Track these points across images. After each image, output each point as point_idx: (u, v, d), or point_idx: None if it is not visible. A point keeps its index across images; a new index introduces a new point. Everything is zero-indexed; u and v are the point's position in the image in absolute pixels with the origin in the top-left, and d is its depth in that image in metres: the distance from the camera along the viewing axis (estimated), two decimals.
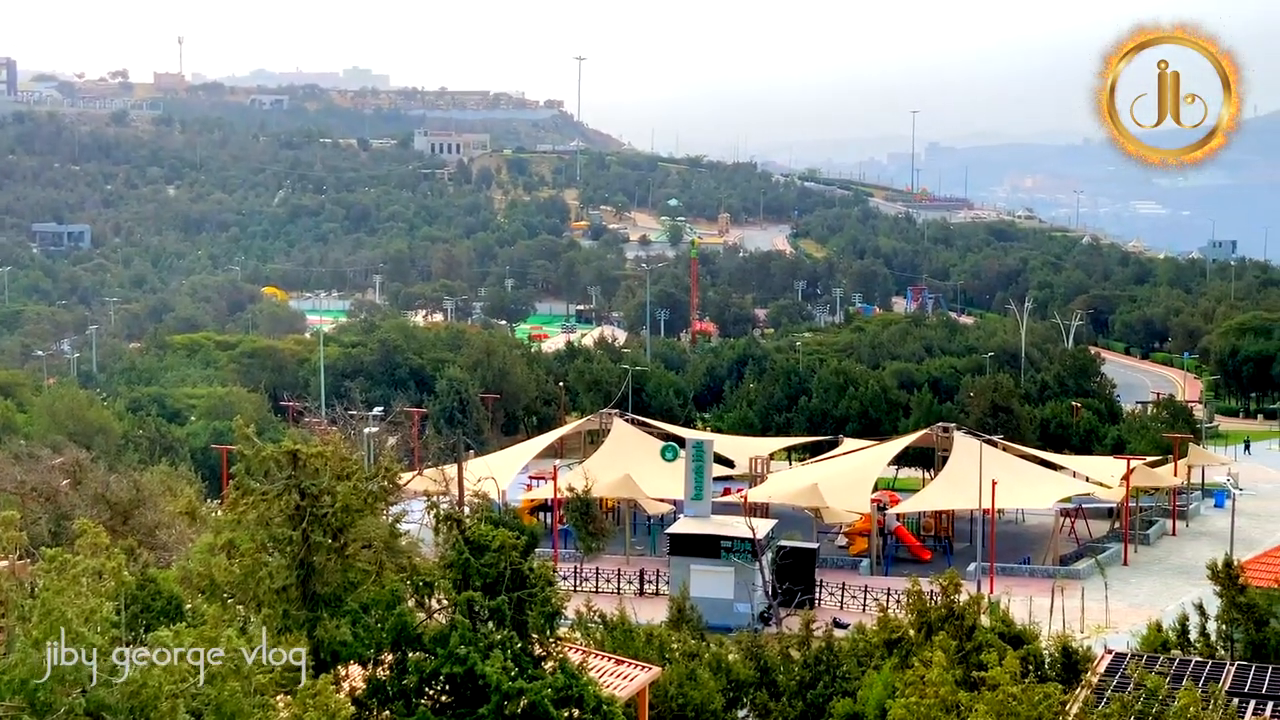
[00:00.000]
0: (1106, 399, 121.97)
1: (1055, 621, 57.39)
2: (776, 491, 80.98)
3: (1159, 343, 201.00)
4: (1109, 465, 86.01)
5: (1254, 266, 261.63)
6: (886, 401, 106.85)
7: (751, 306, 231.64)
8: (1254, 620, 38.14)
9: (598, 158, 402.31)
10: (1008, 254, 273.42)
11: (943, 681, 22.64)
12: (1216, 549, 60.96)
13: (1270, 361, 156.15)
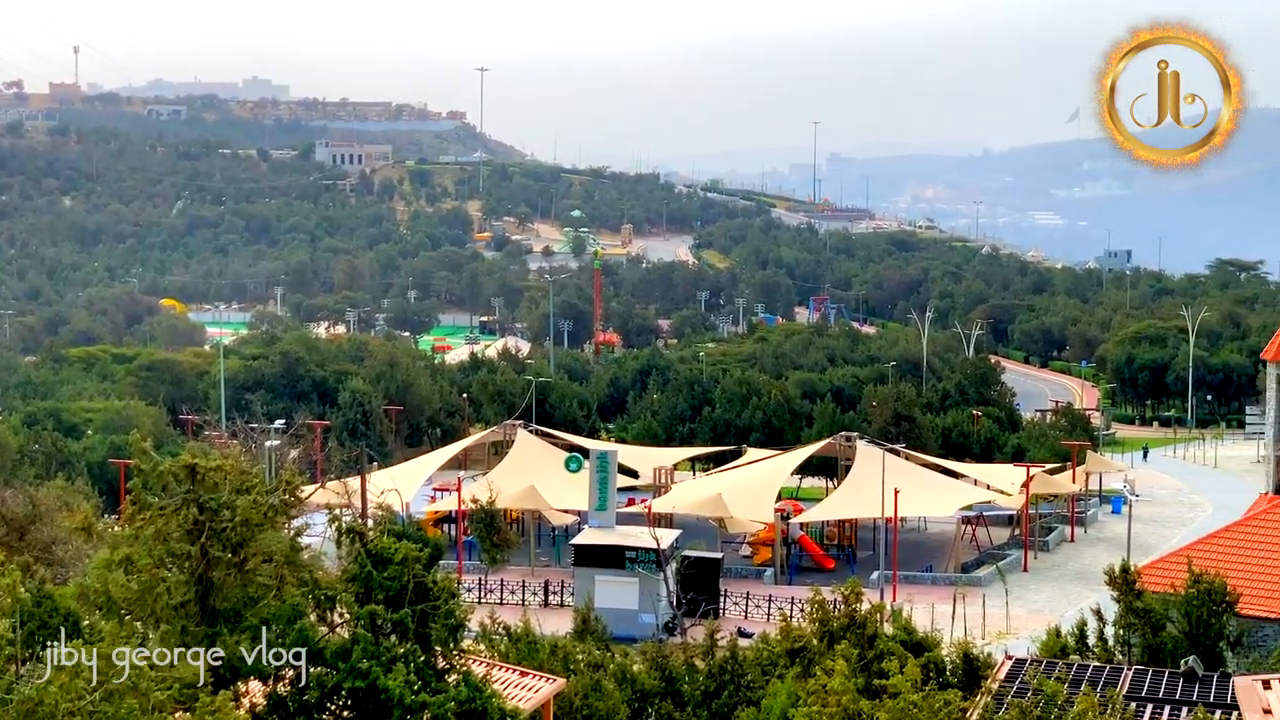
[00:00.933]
0: (1006, 407, 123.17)
1: (957, 628, 57.89)
2: (680, 501, 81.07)
3: (1057, 351, 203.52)
4: (1009, 473, 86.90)
5: (1149, 276, 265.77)
6: (789, 411, 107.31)
7: (655, 317, 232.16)
8: (1150, 625, 38.64)
9: (500, 169, 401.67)
10: (909, 264, 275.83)
11: (844, 690, 22.75)
12: (1114, 554, 61.75)
13: (1165, 369, 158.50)
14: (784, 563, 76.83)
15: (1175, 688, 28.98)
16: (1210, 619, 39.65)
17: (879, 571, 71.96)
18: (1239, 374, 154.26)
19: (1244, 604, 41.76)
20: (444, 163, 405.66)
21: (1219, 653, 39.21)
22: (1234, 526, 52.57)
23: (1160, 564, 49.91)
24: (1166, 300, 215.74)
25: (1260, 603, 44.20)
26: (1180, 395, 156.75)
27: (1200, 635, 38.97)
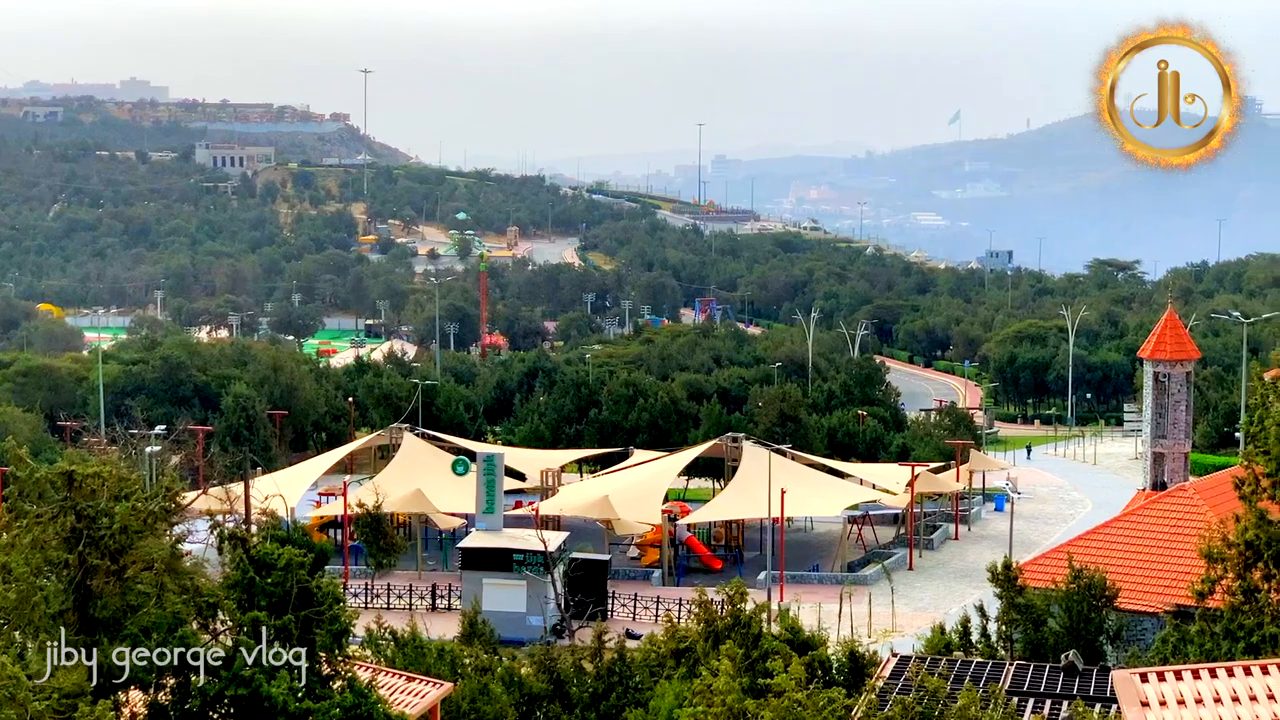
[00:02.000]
0: (891, 407, 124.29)
1: (844, 627, 58.21)
2: (568, 504, 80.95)
3: (941, 351, 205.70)
4: (894, 472, 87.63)
5: (1029, 276, 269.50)
6: (676, 413, 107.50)
7: (541, 319, 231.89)
8: (1032, 620, 39.13)
9: (385, 171, 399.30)
10: (794, 265, 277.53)
11: (729, 690, 22.80)
12: (997, 552, 62.50)
13: (1046, 368, 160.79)
14: (671, 564, 76.94)
15: (1056, 682, 29.35)
16: (1090, 614, 40.24)
17: (766, 571, 72.28)
18: (1117, 372, 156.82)
19: (1123, 598, 42.43)
20: (328, 165, 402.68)
21: (1099, 646, 39.79)
22: (1113, 522, 53.39)
23: (1042, 560, 50.58)
24: (1047, 300, 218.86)
25: (1139, 597, 44.91)
26: (1061, 394, 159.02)
27: (1081, 630, 39.53)
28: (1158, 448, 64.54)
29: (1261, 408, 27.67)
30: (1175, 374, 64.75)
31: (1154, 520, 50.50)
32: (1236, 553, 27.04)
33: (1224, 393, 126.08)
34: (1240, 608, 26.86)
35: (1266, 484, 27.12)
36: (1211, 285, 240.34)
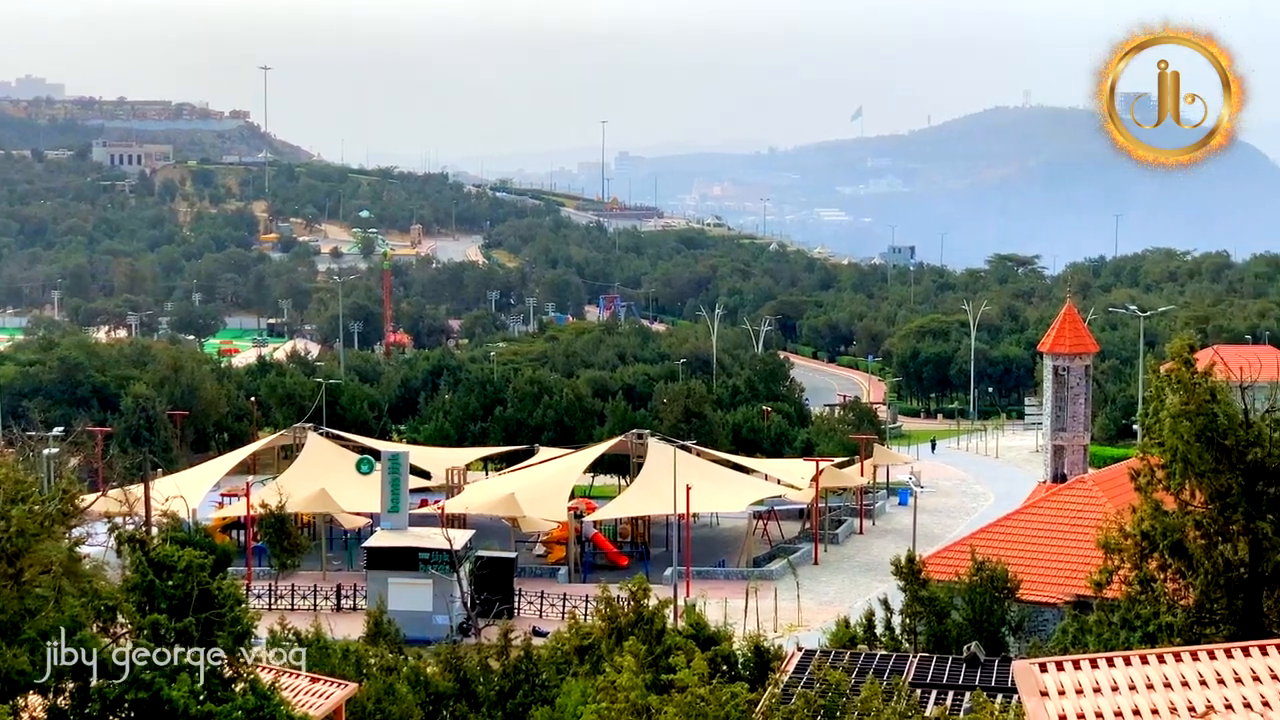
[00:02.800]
0: (795, 402, 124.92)
1: (750, 622, 58.42)
2: (474, 502, 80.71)
3: (844, 346, 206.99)
4: (799, 467, 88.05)
5: (931, 271, 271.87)
6: (581, 410, 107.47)
7: (445, 317, 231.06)
8: (935, 613, 39.45)
9: (286, 169, 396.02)
10: (698, 261, 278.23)
11: (632, 686, 22.81)
12: (901, 545, 62.85)
13: (948, 363, 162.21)
14: (578, 561, 76.91)
15: (959, 674, 29.64)
16: (992, 605, 40.63)
17: (672, 568, 72.32)
18: (1018, 366, 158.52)
19: (1024, 590, 42.85)
20: (228, 163, 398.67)
21: (1001, 638, 40.19)
22: (1014, 515, 53.94)
23: (945, 553, 51.01)
24: (948, 295, 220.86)
25: (1040, 588, 45.37)
26: (963, 388, 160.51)
27: (983, 621, 39.90)
28: (1058, 440, 65.29)
29: (1157, 400, 28.02)
30: (1074, 367, 65.54)
31: (1054, 512, 51.06)
32: (1133, 543, 27.37)
33: (1122, 386, 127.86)
34: (1137, 597, 27.19)
35: (1161, 475, 27.46)
36: (1109, 280, 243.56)
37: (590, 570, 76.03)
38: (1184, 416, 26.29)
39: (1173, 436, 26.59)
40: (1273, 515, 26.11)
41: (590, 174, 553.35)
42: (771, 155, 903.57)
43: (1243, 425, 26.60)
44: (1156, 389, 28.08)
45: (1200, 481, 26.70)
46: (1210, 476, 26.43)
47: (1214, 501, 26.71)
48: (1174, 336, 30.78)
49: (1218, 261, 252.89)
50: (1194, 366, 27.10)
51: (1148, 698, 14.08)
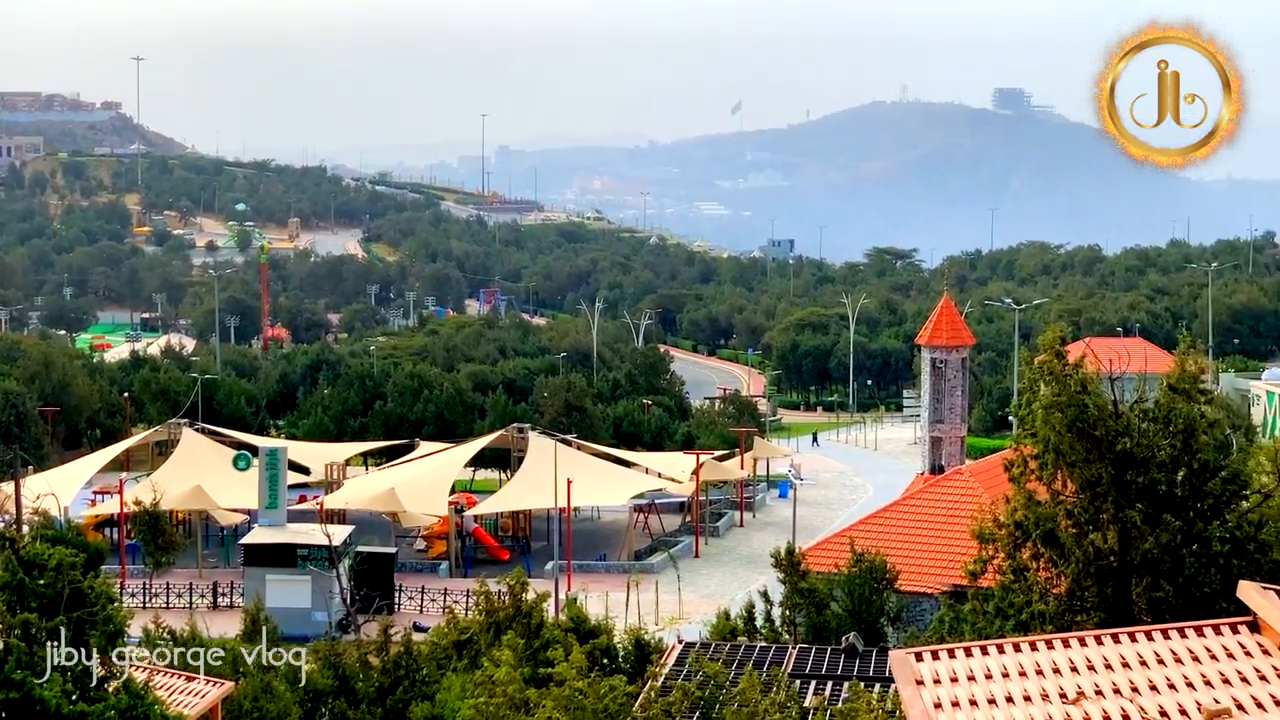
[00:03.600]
0: (676, 396, 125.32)
1: (631, 615, 58.52)
2: (353, 497, 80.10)
3: (724, 340, 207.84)
4: (680, 461, 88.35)
5: (810, 265, 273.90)
6: (462, 404, 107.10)
7: (324, 311, 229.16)
8: (815, 604, 39.78)
9: (160, 161, 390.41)
10: (578, 255, 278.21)
11: (510, 680, 22.78)
12: (781, 538, 63.28)
13: (827, 355, 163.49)
14: (459, 556, 76.67)
15: (837, 664, 29.90)
16: (871, 596, 41.05)
17: (553, 561, 72.34)
18: (896, 359, 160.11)
19: (903, 580, 43.35)
20: (99, 155, 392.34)
21: (880, 628, 40.62)
22: (893, 506, 54.56)
23: (824, 545, 51.48)
24: (827, 288, 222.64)
25: (918, 578, 45.94)
26: (842, 380, 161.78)
27: (862, 612, 40.29)
28: (935, 432, 66.04)
29: (1030, 392, 28.44)
30: (951, 360, 66.31)
31: (932, 503, 51.72)
32: (1006, 533, 27.76)
33: (998, 378, 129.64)
34: (1010, 586, 27.58)
35: (1034, 466, 27.89)
36: (985, 273, 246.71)
37: (471, 565, 75.78)
38: (1055, 408, 26.70)
39: (1044, 427, 27.00)
40: (1141, 504, 26.58)
41: (470, 167, 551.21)
42: (651, 149, 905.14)
43: (1112, 416, 27.04)
44: (1029, 381, 28.50)
45: (1071, 471, 27.13)
46: (1081, 466, 26.86)
47: (1085, 491, 27.15)
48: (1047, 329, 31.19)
49: (1090, 255, 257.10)
50: (1065, 358, 27.53)
51: (1020, 684, 14.27)
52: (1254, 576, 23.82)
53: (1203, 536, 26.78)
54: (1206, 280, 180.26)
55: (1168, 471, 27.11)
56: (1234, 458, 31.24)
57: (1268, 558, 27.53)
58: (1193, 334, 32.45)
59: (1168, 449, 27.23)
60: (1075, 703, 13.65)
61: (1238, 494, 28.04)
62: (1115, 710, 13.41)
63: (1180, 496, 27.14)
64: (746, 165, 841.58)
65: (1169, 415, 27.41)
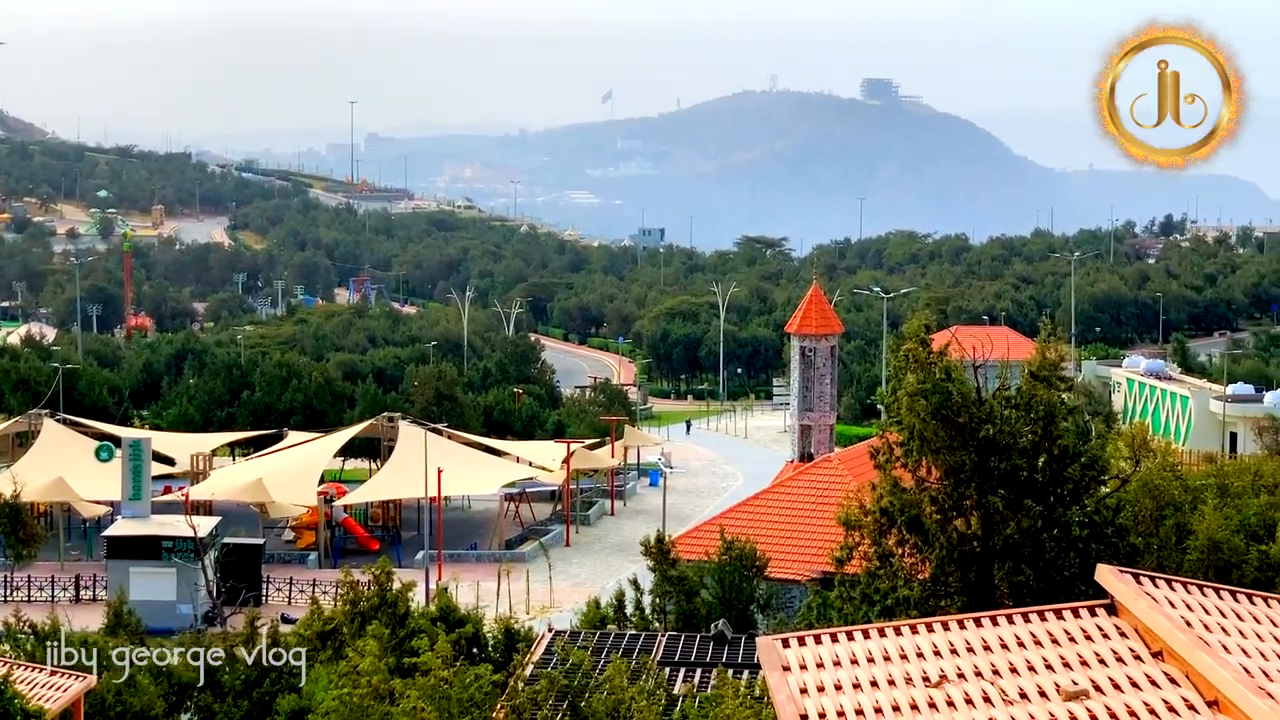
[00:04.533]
0: (547, 384, 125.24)
1: (502, 604, 58.47)
2: (220, 488, 79.22)
3: (595, 328, 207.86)
4: (550, 449, 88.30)
5: (681, 253, 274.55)
6: (331, 393, 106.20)
7: (190, 300, 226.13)
8: (685, 592, 39.96)
9: (20, 147, 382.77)
10: (448, 243, 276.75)
11: (375, 670, 22.65)
12: (652, 526, 63.53)
13: (698, 344, 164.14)
14: (328, 546, 76.08)
15: (706, 651, 30.05)
16: (741, 583, 41.31)
17: (424, 551, 72.05)
18: (766, 347, 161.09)
19: (772, 568, 43.68)
20: None
21: (750, 615, 40.89)
22: (763, 494, 54.91)
23: (694, 533, 51.73)
24: (698, 277, 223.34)
25: (788, 565, 46.29)
26: (713, 369, 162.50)
27: (732, 599, 40.53)
28: (805, 420, 66.46)
29: (895, 379, 28.78)
30: (820, 348, 66.76)
31: (801, 491, 52.12)
32: (872, 520, 28.09)
33: (867, 366, 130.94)
34: (876, 572, 27.91)
35: (899, 453, 28.23)
36: (854, 261, 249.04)
37: (341, 555, 75.20)
38: (920, 395, 27.04)
39: (909, 415, 27.34)
40: (1003, 490, 27.03)
41: (339, 155, 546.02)
42: (522, 137, 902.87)
43: (975, 403, 27.45)
44: (895, 369, 28.84)
45: (936, 458, 27.51)
46: (945, 453, 27.24)
47: (948, 477, 27.54)
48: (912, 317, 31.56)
49: (957, 244, 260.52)
50: (930, 347, 27.88)
51: (885, 669, 14.41)
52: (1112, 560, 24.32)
53: (1062, 521, 27.27)
54: (1069, 269, 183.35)
55: (1029, 458, 27.56)
56: (1093, 444, 31.82)
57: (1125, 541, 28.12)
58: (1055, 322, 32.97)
59: (1029, 435, 27.70)
60: (938, 686, 13.82)
61: (1096, 479, 28.59)
62: (977, 692, 13.59)
63: (1041, 482, 27.61)
64: (617, 154, 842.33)
65: (1030, 402, 27.87)
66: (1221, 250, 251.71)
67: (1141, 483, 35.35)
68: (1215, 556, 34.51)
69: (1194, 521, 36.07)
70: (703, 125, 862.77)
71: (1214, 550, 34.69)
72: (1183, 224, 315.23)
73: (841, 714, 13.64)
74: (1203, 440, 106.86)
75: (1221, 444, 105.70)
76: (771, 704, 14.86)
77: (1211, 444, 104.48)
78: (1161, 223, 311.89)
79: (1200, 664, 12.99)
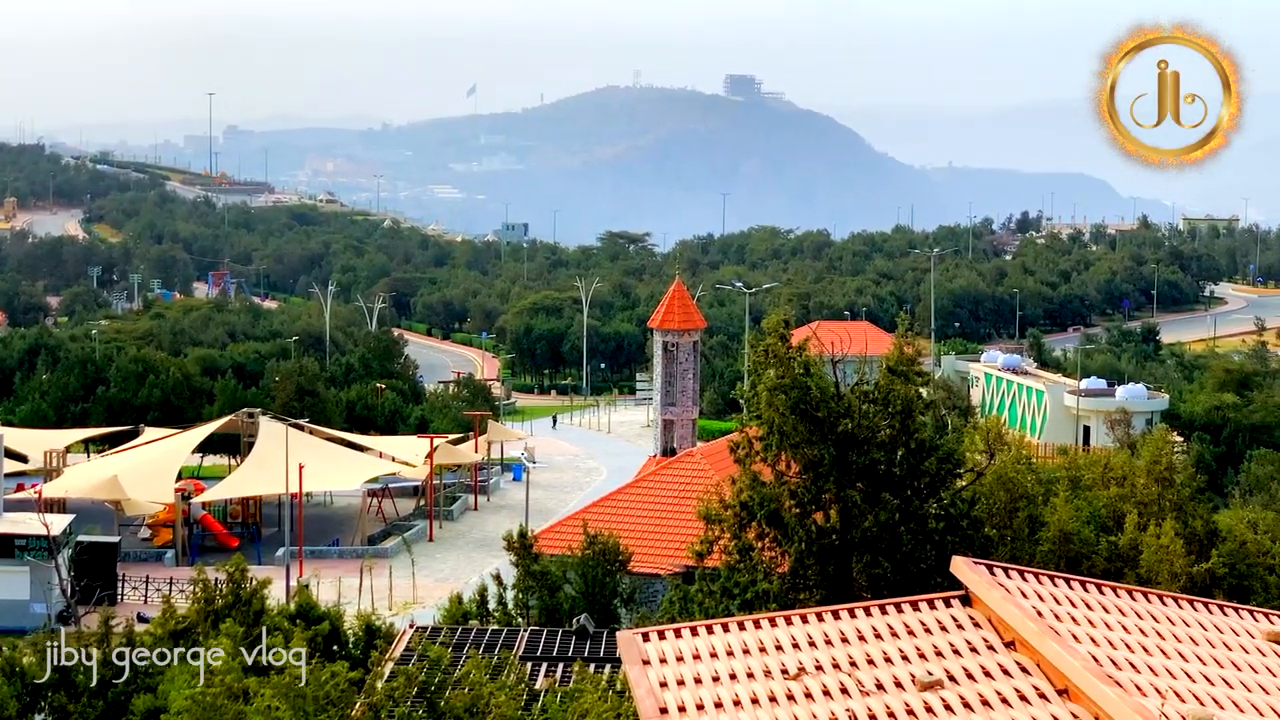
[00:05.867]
0: (410, 380, 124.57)
1: (365, 601, 58.07)
2: (74, 485, 77.79)
3: (459, 323, 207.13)
4: (414, 444, 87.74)
5: (545, 248, 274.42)
6: (189, 389, 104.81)
7: (43, 294, 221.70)
8: (547, 587, 39.97)
9: None
10: (310, 238, 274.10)
11: (228, 669, 22.41)
12: (515, 521, 63.38)
13: (561, 339, 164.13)
14: (186, 544, 75.04)
15: (569, 645, 30.10)
16: (604, 578, 41.38)
17: (285, 548, 71.28)
18: (630, 342, 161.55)
19: (636, 562, 43.81)
20: None
21: (613, 609, 40.99)
22: (626, 488, 55.06)
23: (558, 528, 51.72)
24: (561, 272, 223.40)
25: (651, 560, 46.45)
26: (576, 364, 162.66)
27: (595, 594, 40.61)
28: (667, 415, 66.70)
29: (755, 375, 28.99)
30: (683, 343, 67.05)
31: (664, 485, 52.34)
32: (732, 514, 28.27)
33: (729, 361, 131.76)
34: (736, 566, 28.09)
35: (759, 447, 28.44)
36: (717, 257, 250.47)
37: (199, 553, 74.13)
38: (779, 390, 27.26)
39: (769, 410, 27.55)
40: (862, 483, 27.34)
41: (198, 147, 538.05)
42: (385, 131, 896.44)
43: (834, 398, 27.74)
44: (755, 364, 29.05)
45: (795, 453, 27.75)
46: (804, 447, 27.49)
47: (807, 471, 27.80)
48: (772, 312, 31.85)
49: (819, 240, 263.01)
50: (789, 342, 28.12)
51: (744, 662, 14.55)
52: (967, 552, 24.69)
53: (919, 514, 27.64)
54: (929, 265, 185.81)
55: (887, 451, 27.91)
56: (949, 438, 32.30)
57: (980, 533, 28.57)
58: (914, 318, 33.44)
59: (887, 430, 28.05)
60: (796, 678, 13.96)
61: (952, 472, 29.01)
62: (834, 684, 13.76)
63: (898, 476, 27.96)
64: (481, 149, 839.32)
65: (888, 397, 28.22)
66: (1076, 247, 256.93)
67: (996, 476, 35.91)
68: (1066, 547, 35.17)
69: (1046, 513, 36.73)
70: (567, 120, 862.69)
71: (1065, 541, 35.35)
72: (1039, 221, 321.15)
73: (701, 707, 13.74)
74: (1058, 433, 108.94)
75: (1075, 437, 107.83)
76: (632, 698, 14.94)
77: (1066, 437, 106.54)
78: (1018, 220, 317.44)
79: (1050, 653, 13.25)
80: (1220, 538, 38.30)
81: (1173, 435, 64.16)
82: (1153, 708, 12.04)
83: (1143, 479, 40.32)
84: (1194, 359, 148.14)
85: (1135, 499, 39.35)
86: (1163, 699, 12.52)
